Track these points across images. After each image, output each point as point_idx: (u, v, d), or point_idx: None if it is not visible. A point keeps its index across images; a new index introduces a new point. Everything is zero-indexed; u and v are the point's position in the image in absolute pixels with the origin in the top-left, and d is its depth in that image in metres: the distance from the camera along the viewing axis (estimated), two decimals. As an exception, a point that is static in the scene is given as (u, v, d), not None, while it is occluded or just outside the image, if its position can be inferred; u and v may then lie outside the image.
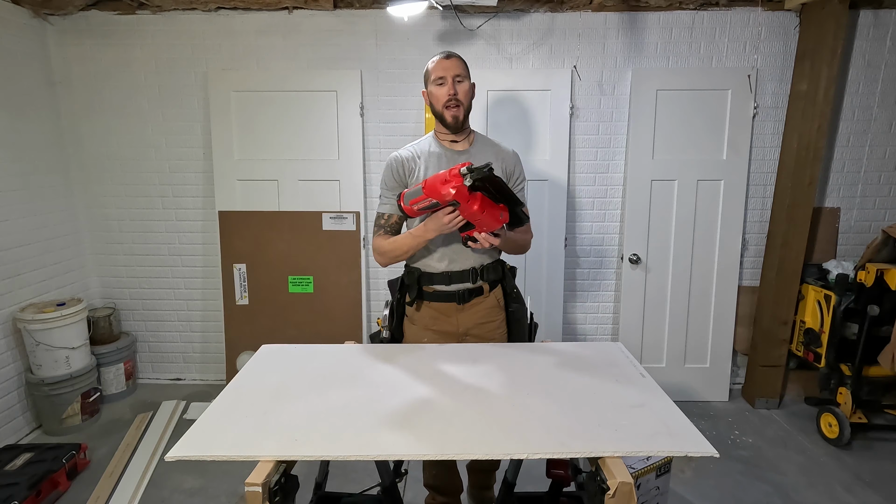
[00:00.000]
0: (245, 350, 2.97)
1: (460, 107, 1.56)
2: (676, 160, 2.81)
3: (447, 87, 1.55)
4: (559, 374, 1.32)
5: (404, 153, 1.63)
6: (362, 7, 2.73)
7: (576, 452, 0.97)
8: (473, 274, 1.61)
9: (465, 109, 1.58)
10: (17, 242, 2.61)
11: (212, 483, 2.24)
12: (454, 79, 1.56)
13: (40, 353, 2.55)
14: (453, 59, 1.58)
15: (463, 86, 1.58)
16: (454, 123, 1.57)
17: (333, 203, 2.91)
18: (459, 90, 1.56)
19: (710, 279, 2.92)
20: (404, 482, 2.17)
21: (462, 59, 1.61)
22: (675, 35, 2.73)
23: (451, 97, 1.55)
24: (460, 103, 1.56)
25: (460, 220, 1.38)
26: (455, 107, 1.56)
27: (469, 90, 1.60)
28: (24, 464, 2.16)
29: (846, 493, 2.18)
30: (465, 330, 1.65)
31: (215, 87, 2.82)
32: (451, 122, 1.57)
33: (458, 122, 1.57)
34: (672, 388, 2.92)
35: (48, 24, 2.79)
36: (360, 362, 1.41)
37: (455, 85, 1.56)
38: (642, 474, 1.74)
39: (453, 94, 1.55)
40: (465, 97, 1.58)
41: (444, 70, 1.56)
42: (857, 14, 2.67)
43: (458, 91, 1.56)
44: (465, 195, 1.29)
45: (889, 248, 2.51)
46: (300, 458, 0.97)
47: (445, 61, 1.57)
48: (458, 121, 1.57)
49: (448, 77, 1.55)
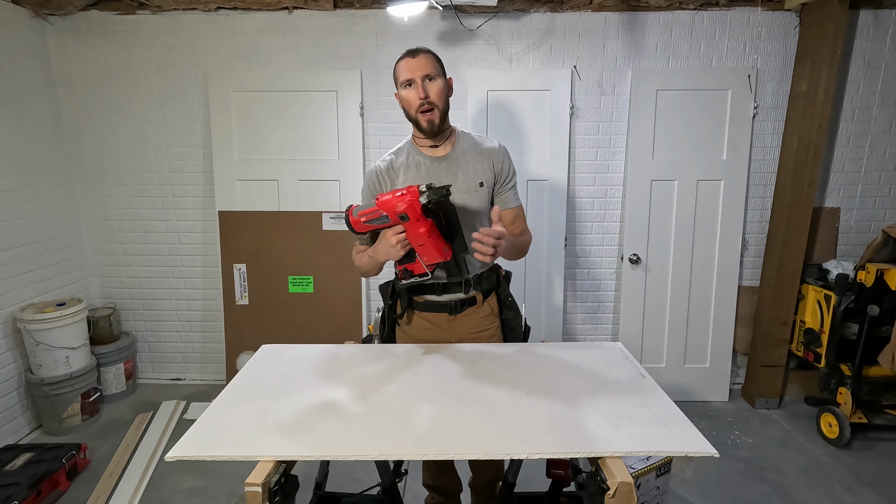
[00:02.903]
0: (245, 350, 2.97)
1: (435, 110, 1.41)
2: (676, 160, 2.81)
3: (417, 89, 1.39)
4: (559, 374, 1.31)
5: (382, 165, 1.52)
6: (362, 7, 2.73)
7: (576, 452, 0.97)
8: (466, 284, 1.52)
9: (440, 112, 1.43)
10: (17, 242, 2.61)
11: (212, 483, 2.24)
12: (423, 79, 1.39)
13: (40, 353, 2.55)
14: (420, 57, 1.40)
15: (435, 85, 1.41)
16: (430, 129, 1.43)
17: (333, 203, 2.91)
18: (431, 91, 1.40)
19: (710, 279, 2.92)
20: (404, 482, 2.17)
21: (431, 53, 1.43)
22: (675, 35, 2.73)
23: (423, 100, 1.39)
24: (434, 106, 1.40)
25: (406, 243, 1.29)
26: (429, 111, 1.40)
27: (443, 89, 1.43)
28: (24, 464, 2.16)
29: (846, 493, 2.18)
30: (459, 340, 1.57)
31: (215, 87, 2.82)
32: (426, 128, 1.43)
33: (434, 127, 1.43)
34: (672, 388, 2.92)
35: (48, 24, 2.79)
36: (360, 362, 1.40)
37: (425, 86, 1.39)
38: (642, 474, 1.74)
39: (424, 98, 1.39)
40: (439, 97, 1.42)
41: (410, 71, 1.39)
42: (857, 14, 2.67)
43: (429, 92, 1.40)
44: (417, 212, 1.20)
45: (889, 248, 2.51)
46: (300, 458, 0.97)
47: (412, 60, 1.40)
48: (434, 125, 1.42)
49: (416, 78, 1.39)
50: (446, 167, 1.50)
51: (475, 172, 1.50)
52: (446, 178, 1.49)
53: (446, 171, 1.49)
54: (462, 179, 1.49)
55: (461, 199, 1.48)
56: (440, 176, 1.49)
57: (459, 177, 1.49)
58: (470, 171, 1.50)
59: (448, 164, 1.50)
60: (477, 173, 1.50)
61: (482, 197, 1.51)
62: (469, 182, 1.49)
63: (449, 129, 1.52)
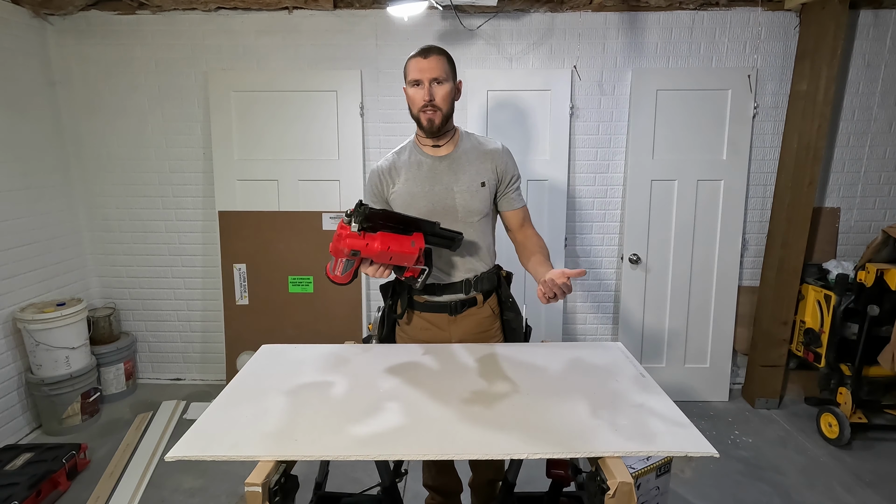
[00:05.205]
0: (245, 350, 2.97)
1: (438, 112, 1.42)
2: (676, 160, 2.81)
3: (423, 90, 1.40)
4: (559, 374, 1.31)
5: (384, 164, 1.53)
6: (362, 7, 2.73)
7: (576, 452, 0.97)
8: (466, 285, 1.53)
9: (443, 115, 1.43)
10: (18, 242, 2.61)
11: (212, 483, 2.24)
12: (431, 82, 1.40)
13: (40, 353, 2.55)
14: (432, 59, 1.40)
15: (442, 89, 1.41)
16: (429, 128, 1.43)
17: (333, 203, 2.91)
18: (437, 94, 1.41)
19: (710, 279, 2.92)
20: (404, 482, 2.17)
21: (444, 55, 1.43)
22: (675, 35, 2.73)
23: (427, 103, 1.40)
24: (438, 108, 1.41)
25: (383, 268, 1.28)
26: (431, 111, 1.41)
27: (449, 93, 1.43)
28: (24, 464, 2.16)
29: (846, 493, 2.18)
30: (459, 340, 1.57)
31: (215, 87, 2.82)
32: (426, 126, 1.43)
33: (433, 127, 1.43)
34: (672, 388, 2.93)
35: (48, 24, 2.79)
36: (361, 362, 1.40)
37: (432, 89, 1.40)
38: (642, 474, 1.74)
39: (429, 101, 1.40)
40: (444, 102, 1.42)
41: (419, 72, 1.40)
42: (857, 14, 2.67)
43: (434, 95, 1.40)
44: (361, 242, 1.19)
45: (889, 248, 2.51)
46: (300, 458, 0.97)
47: (423, 61, 1.40)
48: (433, 125, 1.43)
49: (424, 80, 1.40)
50: (448, 166, 1.50)
51: (477, 172, 1.50)
52: (447, 178, 1.49)
53: (448, 170, 1.49)
54: (464, 179, 1.49)
55: (463, 198, 1.48)
56: (441, 175, 1.49)
57: (461, 176, 1.49)
58: (472, 170, 1.50)
59: (449, 164, 1.50)
60: (479, 173, 1.50)
61: (484, 197, 1.51)
62: (471, 182, 1.49)
63: (452, 130, 1.52)
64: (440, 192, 1.48)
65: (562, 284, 1.24)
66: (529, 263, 1.51)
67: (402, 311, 1.59)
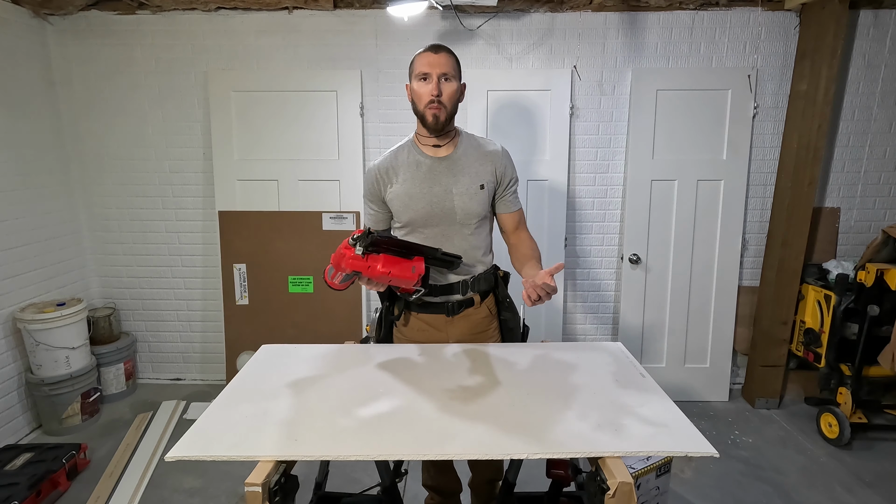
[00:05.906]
0: (245, 350, 2.97)
1: (443, 109, 1.40)
2: (676, 160, 2.81)
3: (431, 85, 1.39)
4: (559, 374, 1.31)
5: (382, 163, 1.51)
6: (362, 7, 2.73)
7: (576, 452, 0.97)
8: (463, 286, 1.53)
9: (448, 112, 1.42)
10: (18, 242, 2.61)
11: (212, 483, 2.24)
12: (440, 77, 1.39)
13: (40, 353, 2.55)
14: (442, 55, 1.40)
15: (450, 86, 1.41)
16: (434, 124, 1.41)
17: (334, 203, 2.91)
18: (445, 90, 1.40)
19: (710, 279, 2.92)
20: (404, 482, 2.17)
21: (453, 54, 1.43)
22: (675, 35, 2.73)
23: (435, 98, 1.39)
24: (444, 105, 1.40)
25: (379, 285, 1.29)
26: (437, 108, 1.40)
27: (456, 91, 1.43)
28: (24, 464, 2.16)
29: (846, 494, 2.18)
30: (456, 341, 1.56)
31: (215, 87, 2.82)
32: (430, 122, 1.41)
33: (438, 123, 1.41)
34: (672, 388, 2.93)
35: (48, 24, 2.79)
36: (360, 362, 1.40)
37: (440, 84, 1.39)
38: (642, 474, 1.74)
39: (437, 95, 1.38)
40: (451, 99, 1.42)
41: (429, 66, 1.39)
42: (857, 14, 2.67)
43: (442, 91, 1.39)
44: (363, 264, 1.20)
45: (889, 248, 2.51)
46: (300, 458, 0.97)
47: (433, 56, 1.39)
48: (438, 121, 1.41)
49: (433, 74, 1.38)
50: (447, 168, 1.49)
51: (476, 174, 1.50)
52: (447, 179, 1.48)
53: (447, 171, 1.49)
54: (463, 181, 1.48)
55: (461, 200, 1.48)
56: (440, 176, 1.48)
57: (460, 178, 1.48)
58: (471, 172, 1.49)
59: (449, 165, 1.49)
60: (479, 175, 1.50)
61: (483, 199, 1.50)
62: (470, 184, 1.48)
63: (453, 131, 1.51)
64: (439, 193, 1.48)
65: (542, 284, 1.22)
66: (522, 268, 1.52)
67: (400, 312, 1.59)
